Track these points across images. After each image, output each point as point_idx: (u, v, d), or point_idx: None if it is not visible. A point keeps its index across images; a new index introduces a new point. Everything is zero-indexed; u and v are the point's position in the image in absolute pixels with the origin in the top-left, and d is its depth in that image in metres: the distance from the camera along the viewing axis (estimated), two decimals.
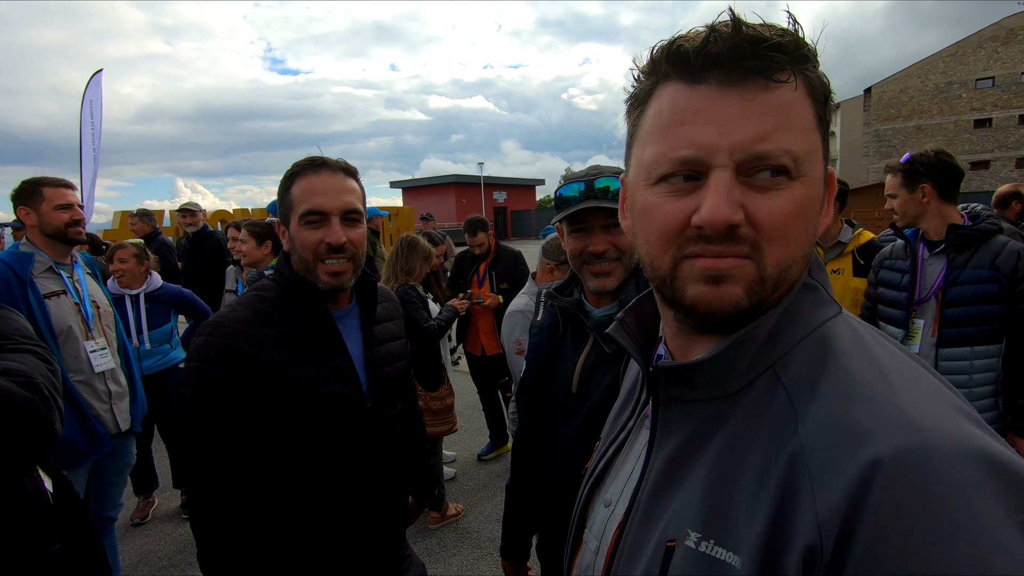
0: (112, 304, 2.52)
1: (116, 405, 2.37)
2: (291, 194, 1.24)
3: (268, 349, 1.18)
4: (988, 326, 2.00)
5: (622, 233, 1.18)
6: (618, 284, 1.20)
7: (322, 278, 1.23)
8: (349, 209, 1.24)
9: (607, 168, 1.22)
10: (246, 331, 1.18)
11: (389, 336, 1.45)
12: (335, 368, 1.26)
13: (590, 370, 1.25)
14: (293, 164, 1.27)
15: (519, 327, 2.46)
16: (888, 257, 2.36)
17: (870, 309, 2.43)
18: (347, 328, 1.33)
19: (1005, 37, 32.94)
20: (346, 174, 1.28)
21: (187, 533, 3.38)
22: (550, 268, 2.51)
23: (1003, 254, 1.99)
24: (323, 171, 1.24)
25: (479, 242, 4.14)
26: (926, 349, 2.12)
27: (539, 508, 1.37)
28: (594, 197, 1.17)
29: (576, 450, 1.25)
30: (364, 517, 1.32)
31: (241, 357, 1.15)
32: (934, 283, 2.12)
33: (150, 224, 5.72)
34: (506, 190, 39.90)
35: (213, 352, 1.16)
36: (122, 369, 2.45)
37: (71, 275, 2.31)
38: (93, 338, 2.29)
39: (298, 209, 1.22)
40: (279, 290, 1.27)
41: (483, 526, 3.34)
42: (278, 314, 1.23)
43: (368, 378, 1.33)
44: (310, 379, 1.22)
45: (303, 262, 1.24)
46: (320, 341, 1.26)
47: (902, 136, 35.81)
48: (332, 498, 1.27)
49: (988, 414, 2.03)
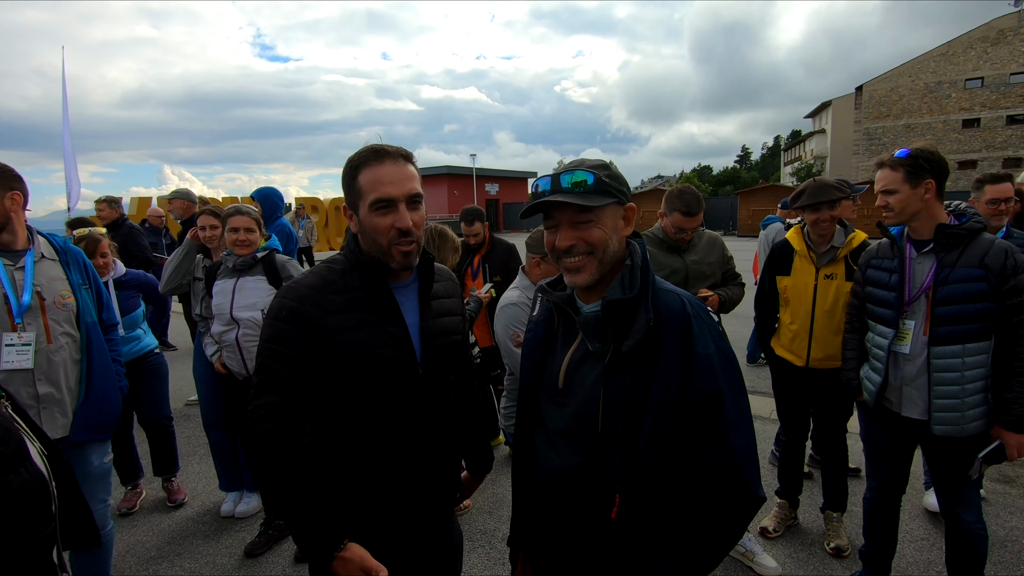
0: (76, 295, 2.26)
1: (46, 410, 2.13)
2: (359, 183, 1.34)
3: (332, 313, 1.32)
4: (978, 324, 2.03)
5: (592, 227, 1.17)
6: (591, 279, 1.19)
7: (396, 259, 1.36)
8: (413, 194, 1.36)
9: (588, 161, 1.20)
10: (313, 296, 1.32)
11: (445, 311, 1.54)
12: (392, 334, 1.37)
13: (576, 366, 1.25)
14: (356, 153, 1.37)
15: (514, 319, 2.47)
16: (875, 256, 2.36)
17: (858, 308, 2.44)
18: (405, 300, 1.44)
19: (995, 38, 33.22)
20: (405, 160, 1.38)
21: (175, 524, 3.36)
22: (536, 261, 2.52)
23: (991, 252, 2.02)
24: (386, 160, 1.34)
25: (475, 232, 4.12)
26: (918, 348, 2.14)
27: (527, 503, 1.38)
28: (559, 191, 1.17)
29: (562, 446, 1.25)
30: (413, 479, 1.42)
31: (306, 318, 1.30)
32: (923, 282, 2.13)
33: (117, 210, 5.73)
34: (498, 182, 39.75)
35: (284, 312, 1.31)
36: (79, 369, 2.23)
37: (15, 263, 2.11)
38: (20, 331, 2.07)
39: (368, 197, 1.33)
40: (347, 263, 1.40)
41: (475, 519, 3.35)
42: (344, 283, 1.37)
43: (422, 347, 1.42)
44: (368, 342, 1.34)
45: (376, 245, 1.36)
46: (380, 309, 1.38)
47: (892, 135, 36.09)
48: (383, 457, 1.38)
49: (980, 409, 2.07)
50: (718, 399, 1.14)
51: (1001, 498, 3.38)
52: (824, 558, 2.87)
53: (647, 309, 1.15)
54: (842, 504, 2.95)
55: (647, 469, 1.14)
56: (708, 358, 1.14)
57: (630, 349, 1.14)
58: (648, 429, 1.13)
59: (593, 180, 1.15)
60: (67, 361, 2.20)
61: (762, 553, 2.81)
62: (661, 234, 2.80)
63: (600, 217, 1.17)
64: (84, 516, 1.31)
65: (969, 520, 2.21)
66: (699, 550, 1.15)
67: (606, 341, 1.18)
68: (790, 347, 2.88)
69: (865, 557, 2.57)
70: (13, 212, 2.12)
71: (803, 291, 2.78)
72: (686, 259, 2.80)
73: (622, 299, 1.16)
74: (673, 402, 1.14)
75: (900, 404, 2.22)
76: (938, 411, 2.10)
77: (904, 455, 2.39)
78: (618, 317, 1.17)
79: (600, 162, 1.20)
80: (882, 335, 2.25)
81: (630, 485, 1.15)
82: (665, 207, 2.73)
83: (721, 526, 1.16)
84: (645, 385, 1.14)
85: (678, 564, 1.15)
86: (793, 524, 3.15)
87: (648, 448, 1.14)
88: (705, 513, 1.16)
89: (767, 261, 3.00)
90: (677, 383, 1.14)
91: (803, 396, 2.95)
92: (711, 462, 1.15)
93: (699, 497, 1.18)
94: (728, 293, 2.86)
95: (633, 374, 1.15)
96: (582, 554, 1.24)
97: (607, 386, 1.16)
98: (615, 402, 1.15)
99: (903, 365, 2.19)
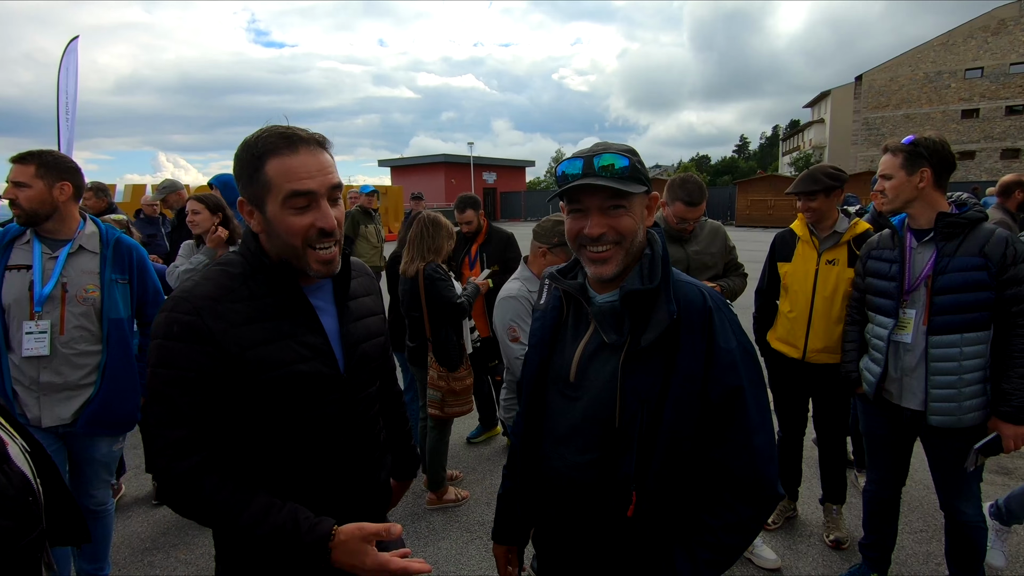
0: (104, 290, 2.24)
1: (46, 397, 2.15)
2: (265, 174, 1.12)
3: (237, 325, 1.12)
4: (977, 313, 2.02)
5: (623, 215, 1.11)
6: (617, 271, 1.14)
7: (313, 267, 1.17)
8: (334, 185, 1.16)
9: (613, 145, 1.14)
10: (212, 306, 1.11)
11: (366, 311, 1.38)
12: (309, 344, 1.19)
13: (589, 359, 1.19)
14: (257, 138, 1.13)
15: (512, 313, 2.42)
16: (875, 247, 2.34)
17: (858, 300, 2.42)
18: (320, 302, 1.26)
19: (996, 27, 33.05)
20: (321, 147, 1.17)
21: (169, 514, 3.33)
22: (542, 252, 2.46)
23: (991, 241, 2.01)
24: (301, 148, 1.13)
25: (467, 219, 4.06)
26: (918, 338, 2.13)
27: (535, 500, 1.34)
28: (593, 175, 1.10)
29: (573, 442, 1.21)
30: (342, 496, 1.28)
31: (206, 333, 1.09)
32: (923, 271, 2.12)
33: (105, 199, 5.25)
34: (496, 171, 39.50)
35: (176, 328, 1.09)
36: (93, 362, 2.22)
37: (52, 251, 2.17)
38: (38, 319, 2.12)
39: (279, 192, 1.11)
40: (247, 265, 1.19)
41: (472, 510, 3.34)
42: (246, 290, 1.16)
43: (344, 355, 1.27)
44: (282, 356, 1.15)
45: (290, 248, 1.15)
46: (294, 316, 1.19)
47: (891, 125, 36.00)
48: (307, 477, 1.23)
49: (977, 399, 2.06)
50: (740, 396, 1.11)
51: (1000, 490, 3.38)
52: (823, 550, 2.87)
53: (669, 301, 1.10)
54: (841, 496, 2.94)
55: (665, 467, 1.11)
56: (730, 353, 1.11)
57: (650, 343, 1.09)
58: (667, 426, 1.10)
59: (628, 164, 1.09)
60: (76, 353, 2.19)
61: (761, 545, 2.80)
62: (663, 224, 2.75)
63: (632, 205, 1.12)
64: (72, 512, 1.27)
65: (969, 513, 2.20)
66: (720, 549, 1.12)
67: (623, 333, 1.14)
68: (787, 338, 2.85)
69: (865, 549, 2.56)
70: (61, 202, 2.16)
71: (804, 277, 2.76)
72: (688, 249, 2.76)
73: (642, 290, 1.11)
74: (693, 398, 1.10)
75: (900, 395, 2.21)
76: (935, 401, 2.09)
77: (904, 447, 2.38)
78: (636, 308, 1.12)
79: (627, 146, 1.14)
80: (882, 325, 2.24)
81: (647, 483, 1.11)
82: (667, 196, 2.68)
83: (741, 524, 1.13)
84: (664, 380, 1.10)
85: (698, 563, 1.12)
86: (792, 516, 3.14)
87: (666, 445, 1.10)
88: (724, 511, 1.13)
89: (769, 250, 2.98)
90: (698, 379, 1.10)
91: (800, 390, 2.93)
92: (732, 460, 1.12)
93: (717, 494, 1.15)
94: (730, 284, 2.82)
95: (651, 368, 1.11)
96: (595, 552, 1.21)
97: (624, 381, 1.12)
98: (632, 397, 1.11)
99: (903, 355, 2.18)
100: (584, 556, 1.23)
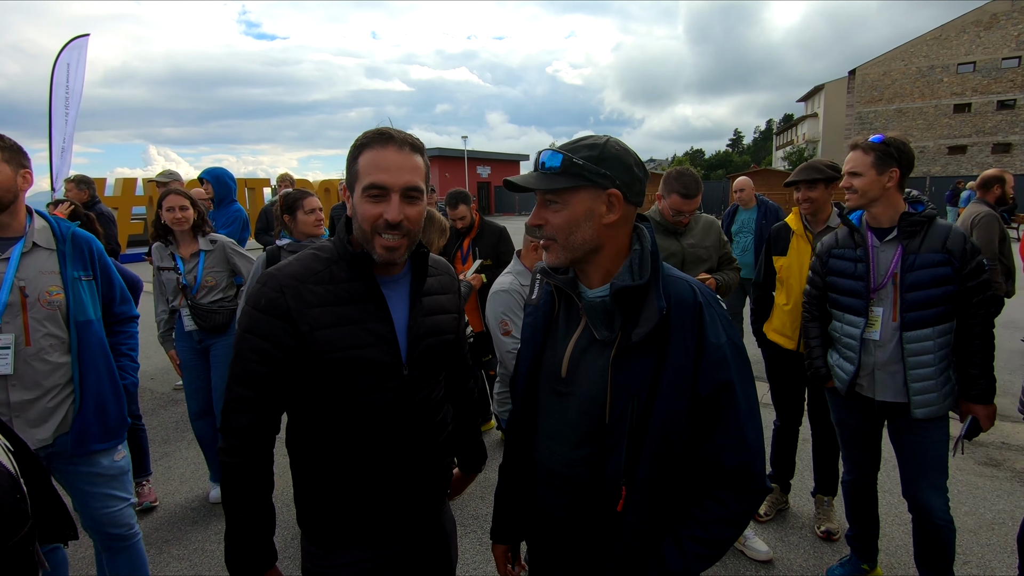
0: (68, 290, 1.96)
1: (19, 419, 1.86)
2: (358, 164, 1.27)
3: (312, 306, 1.25)
4: (944, 306, 2.10)
5: (559, 210, 1.13)
6: (558, 262, 1.16)
7: (377, 250, 1.28)
8: (410, 187, 1.26)
9: (573, 142, 1.15)
10: (295, 286, 1.25)
11: (438, 308, 1.46)
12: (375, 332, 1.30)
13: (580, 354, 1.20)
14: (363, 134, 1.29)
15: (504, 307, 2.41)
16: (836, 246, 2.36)
17: (818, 297, 2.44)
18: (394, 294, 1.36)
19: (988, 22, 33.17)
20: (412, 150, 1.29)
21: (163, 510, 3.32)
22: (535, 246, 2.45)
23: (951, 237, 2.09)
24: (389, 146, 1.26)
25: (460, 215, 4.05)
26: (888, 334, 2.17)
27: (528, 494, 1.34)
28: (537, 171, 1.15)
29: (565, 437, 1.21)
30: (398, 476, 1.37)
31: (285, 310, 1.23)
32: (888, 269, 2.15)
33: (87, 192, 5.11)
34: (490, 165, 39.42)
35: (263, 301, 1.25)
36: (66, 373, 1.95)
37: (2, 252, 1.85)
38: None
39: (362, 181, 1.25)
40: (334, 252, 1.33)
41: (466, 504, 3.34)
42: (328, 273, 1.29)
43: (408, 346, 1.35)
44: (346, 340, 1.26)
45: (362, 232, 1.28)
46: (365, 304, 1.30)
47: (883, 119, 36.14)
48: (366, 454, 1.33)
49: (947, 387, 2.15)
50: (730, 391, 1.11)
51: (988, 481, 3.42)
52: (815, 541, 2.89)
53: (659, 296, 1.10)
54: (833, 488, 2.97)
55: (655, 461, 1.11)
56: (720, 348, 1.11)
57: (641, 338, 1.09)
58: (657, 421, 1.10)
59: (560, 162, 1.11)
60: (47, 365, 1.91)
61: (753, 537, 2.82)
62: (658, 217, 2.75)
63: (567, 201, 1.12)
64: (58, 509, 1.26)
65: (938, 511, 2.19)
66: (709, 542, 1.13)
67: (613, 329, 1.14)
68: (783, 329, 2.89)
69: (852, 541, 2.59)
70: (22, 192, 1.90)
71: (798, 271, 2.80)
72: (683, 243, 2.76)
73: (631, 285, 1.11)
74: (683, 393, 1.10)
75: (872, 389, 2.25)
76: (917, 394, 2.13)
77: (875, 436, 2.45)
78: (627, 304, 1.12)
79: (584, 143, 1.12)
80: (852, 324, 2.26)
81: (637, 477, 1.12)
82: (663, 189, 2.68)
83: (730, 517, 1.14)
84: (654, 375, 1.10)
85: (687, 556, 1.13)
86: (784, 508, 3.17)
87: (657, 440, 1.10)
88: (713, 504, 1.14)
89: (766, 243, 3.02)
90: (688, 374, 1.10)
91: (796, 380, 2.96)
92: (721, 454, 1.12)
93: (706, 488, 1.15)
94: (725, 277, 2.83)
95: (642, 364, 1.11)
96: (585, 546, 1.21)
97: (614, 376, 1.12)
98: (622, 393, 1.11)
99: (874, 351, 2.21)
100: (575, 550, 1.24)
